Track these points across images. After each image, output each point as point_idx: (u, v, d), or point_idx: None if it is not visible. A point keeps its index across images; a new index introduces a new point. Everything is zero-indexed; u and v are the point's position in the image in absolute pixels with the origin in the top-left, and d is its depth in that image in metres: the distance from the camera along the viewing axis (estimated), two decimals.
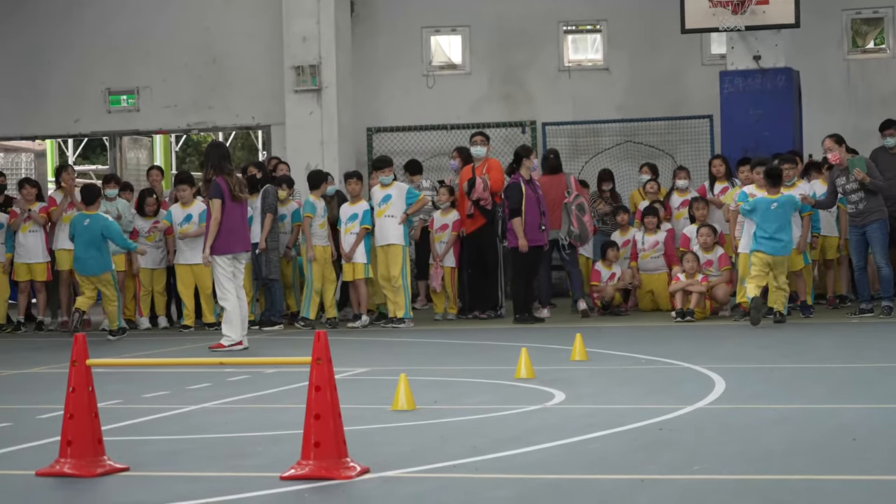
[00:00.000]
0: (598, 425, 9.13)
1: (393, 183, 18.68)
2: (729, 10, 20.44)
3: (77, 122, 25.55)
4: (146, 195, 19.90)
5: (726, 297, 18.45)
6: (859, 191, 17.15)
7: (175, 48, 24.99)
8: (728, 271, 18.40)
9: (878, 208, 17.25)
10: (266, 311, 18.85)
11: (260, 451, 8.59)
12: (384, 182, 18.60)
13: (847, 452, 7.96)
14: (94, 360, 7.93)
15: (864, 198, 17.16)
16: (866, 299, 17.43)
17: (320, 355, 7.43)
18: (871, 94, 23.64)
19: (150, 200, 19.76)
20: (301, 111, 23.16)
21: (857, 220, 17.30)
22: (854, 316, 17.34)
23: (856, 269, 17.59)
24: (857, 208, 17.23)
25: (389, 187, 18.57)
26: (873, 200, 17.20)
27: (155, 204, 19.74)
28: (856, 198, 17.21)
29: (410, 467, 7.84)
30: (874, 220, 17.18)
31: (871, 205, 17.18)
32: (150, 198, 19.81)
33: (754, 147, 20.24)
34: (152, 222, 19.61)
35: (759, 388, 11.11)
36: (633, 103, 24.34)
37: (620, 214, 20.04)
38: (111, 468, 7.91)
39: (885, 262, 17.27)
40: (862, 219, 17.22)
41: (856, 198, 17.21)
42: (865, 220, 17.20)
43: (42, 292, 19.87)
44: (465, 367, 13.48)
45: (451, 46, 25.47)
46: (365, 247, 18.55)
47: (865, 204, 17.17)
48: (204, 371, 13.19)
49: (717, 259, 18.51)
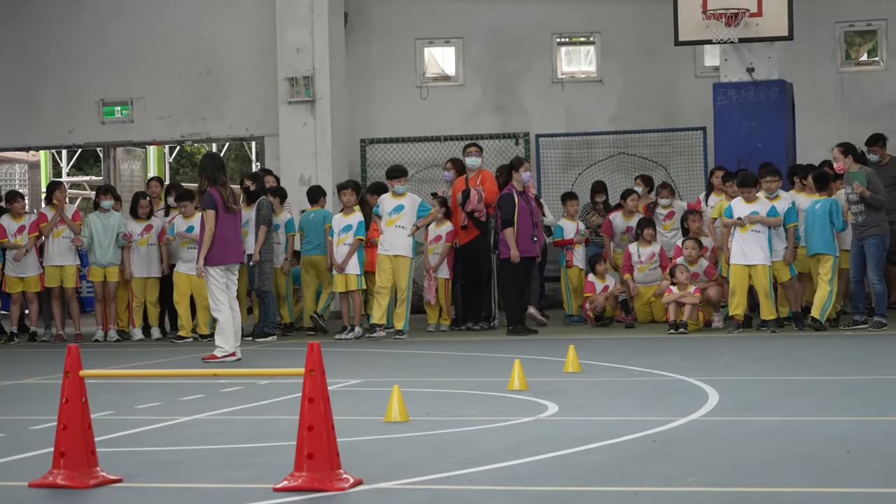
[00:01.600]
0: (591, 437, 9.13)
1: (406, 193, 18.63)
2: (722, 22, 20.47)
3: (71, 133, 25.55)
4: (139, 198, 19.94)
5: (719, 296, 18.42)
6: (860, 203, 17.14)
7: (169, 59, 25.00)
8: (716, 280, 18.46)
9: (876, 223, 17.20)
10: (259, 322, 18.84)
11: (253, 463, 8.58)
12: (398, 191, 18.55)
13: (840, 464, 7.97)
14: (87, 371, 7.92)
15: (864, 211, 17.12)
16: (861, 311, 17.42)
17: (314, 367, 7.43)
18: (865, 106, 23.68)
19: (142, 203, 19.77)
20: (295, 122, 23.17)
21: (856, 233, 17.30)
22: (848, 328, 17.34)
23: (852, 280, 17.58)
24: (857, 220, 17.22)
25: (402, 197, 18.51)
26: (873, 215, 17.14)
27: (148, 206, 19.76)
28: (856, 209, 17.19)
29: (404, 479, 7.84)
30: (871, 235, 17.16)
31: (869, 219, 17.14)
32: (143, 200, 19.83)
33: (747, 159, 20.27)
34: (144, 226, 19.61)
35: (752, 399, 11.11)
36: (627, 115, 24.37)
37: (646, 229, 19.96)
38: (104, 479, 7.90)
39: (878, 278, 17.26)
40: (860, 232, 17.20)
41: (856, 209, 17.19)
42: (863, 233, 17.18)
43: (34, 303, 19.87)
44: (459, 378, 13.47)
45: (444, 58, 25.50)
46: (358, 258, 18.56)
47: (864, 217, 17.13)
48: (197, 382, 13.17)
49: (702, 271, 18.58)
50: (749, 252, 17.33)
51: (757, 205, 17.39)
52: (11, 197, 20.12)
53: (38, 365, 16.41)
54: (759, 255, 17.32)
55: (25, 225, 19.59)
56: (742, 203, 17.48)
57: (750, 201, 17.37)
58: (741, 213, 17.41)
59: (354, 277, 18.53)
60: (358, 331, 18.51)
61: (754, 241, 17.31)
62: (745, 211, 17.41)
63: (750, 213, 17.36)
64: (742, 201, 17.50)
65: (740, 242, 17.34)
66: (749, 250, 17.34)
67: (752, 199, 17.37)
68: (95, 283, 19.54)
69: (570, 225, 20.28)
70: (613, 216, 20.32)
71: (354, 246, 18.45)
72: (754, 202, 17.38)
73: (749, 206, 17.40)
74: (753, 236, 17.33)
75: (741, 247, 17.35)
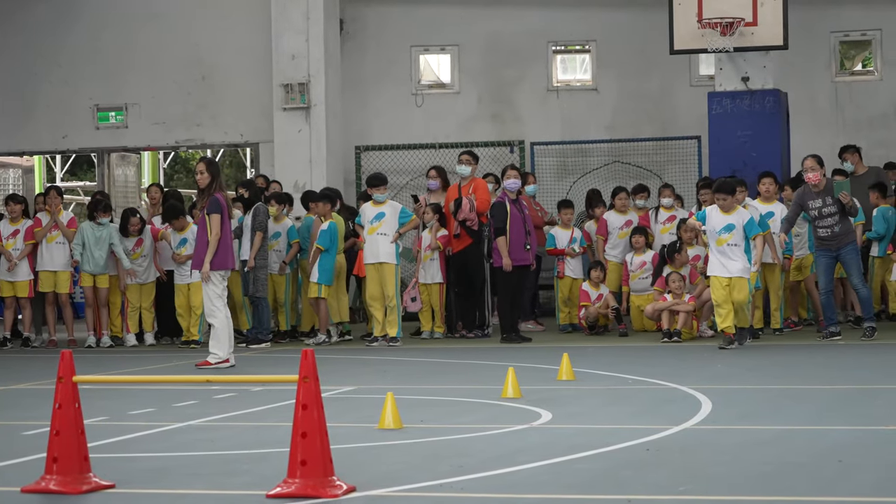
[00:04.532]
0: (584, 445, 9.12)
1: (386, 201, 18.69)
2: (718, 31, 20.50)
3: (65, 139, 25.56)
4: (129, 215, 19.85)
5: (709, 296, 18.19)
6: (836, 214, 17.04)
7: (164, 65, 25.01)
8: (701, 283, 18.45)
9: (850, 230, 17.24)
10: (253, 328, 18.84)
11: (246, 469, 8.57)
12: (378, 199, 18.61)
13: (834, 474, 7.97)
14: (80, 377, 7.91)
15: (839, 221, 17.08)
16: (833, 322, 17.37)
17: (307, 373, 7.43)
18: (859, 116, 23.73)
19: (133, 221, 19.70)
20: (290, 129, 23.18)
21: (830, 244, 17.08)
22: (825, 339, 17.25)
23: (822, 292, 17.42)
24: (832, 231, 17.06)
25: (383, 205, 18.58)
26: (846, 223, 17.15)
27: (139, 224, 19.70)
28: (831, 221, 17.05)
29: (396, 486, 7.83)
30: (848, 243, 17.14)
31: (845, 227, 17.14)
32: (133, 217, 19.76)
33: (742, 168, 20.29)
34: (136, 241, 19.58)
35: (745, 408, 11.11)
36: (622, 123, 24.40)
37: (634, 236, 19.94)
38: (97, 485, 7.89)
39: (861, 283, 17.28)
40: (836, 242, 17.07)
41: (831, 221, 17.05)
42: (840, 242, 17.07)
43: (27, 308, 19.84)
44: (452, 386, 13.47)
45: (440, 65, 25.52)
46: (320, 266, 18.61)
47: (840, 227, 17.08)
48: (190, 388, 13.16)
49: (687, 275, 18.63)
50: (728, 264, 16.81)
51: (733, 216, 16.73)
52: (9, 200, 20.09)
53: (31, 370, 16.39)
54: (737, 266, 16.82)
55: (20, 230, 19.57)
56: (719, 213, 16.98)
57: (727, 211, 16.70)
58: (716, 224, 16.87)
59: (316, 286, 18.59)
60: (320, 337, 18.71)
61: (731, 253, 16.79)
62: (721, 222, 16.90)
63: (724, 227, 16.82)
64: (719, 210, 16.96)
65: (718, 255, 16.68)
66: (727, 262, 16.82)
67: (729, 210, 16.71)
68: (86, 289, 19.53)
69: (564, 234, 20.26)
70: (607, 214, 20.32)
71: (315, 255, 18.54)
72: (732, 212, 16.79)
73: (725, 217, 16.79)
74: (730, 249, 16.81)
75: (719, 259, 16.90)
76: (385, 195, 18.74)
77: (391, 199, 19.18)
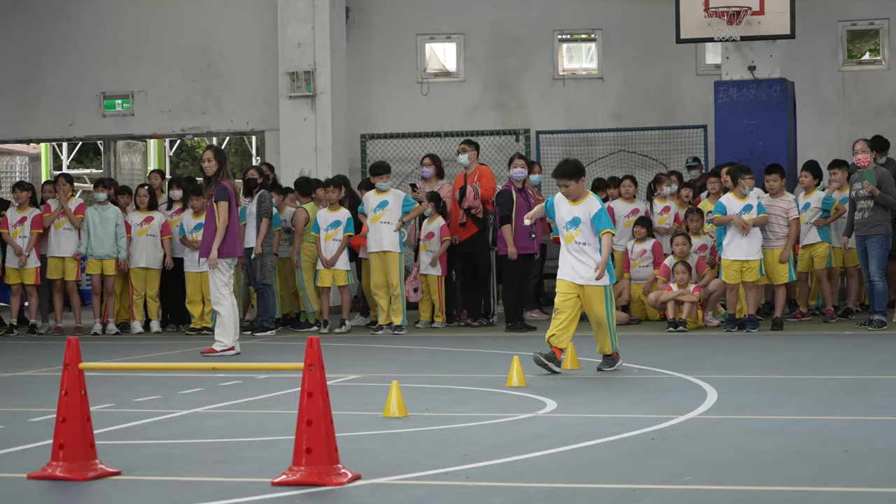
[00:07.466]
0: (589, 434, 9.13)
1: (389, 189, 18.68)
2: (724, 20, 20.47)
3: (71, 126, 25.56)
4: (138, 188, 19.96)
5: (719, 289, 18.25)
6: (869, 199, 17.15)
7: (170, 53, 25.01)
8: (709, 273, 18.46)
9: (881, 222, 17.20)
10: (259, 316, 18.84)
11: (251, 457, 8.58)
12: (381, 188, 18.59)
13: (839, 463, 7.97)
14: (86, 364, 7.92)
15: (871, 208, 17.14)
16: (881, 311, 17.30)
17: (312, 361, 7.43)
18: (866, 105, 23.70)
19: (140, 192, 19.75)
20: (295, 117, 23.17)
21: (859, 230, 17.28)
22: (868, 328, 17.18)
23: (865, 279, 17.56)
24: (863, 217, 17.22)
25: (386, 193, 18.57)
26: (879, 213, 17.14)
27: (146, 195, 19.71)
28: (864, 205, 17.21)
29: (401, 474, 7.84)
30: (876, 234, 17.15)
31: (875, 217, 17.13)
32: (141, 189, 19.82)
33: (748, 157, 20.26)
34: (144, 217, 19.60)
35: (750, 398, 11.11)
36: (627, 112, 24.38)
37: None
38: (103, 472, 7.90)
39: (879, 276, 17.24)
40: (864, 230, 17.18)
41: (864, 205, 17.21)
42: (867, 231, 17.15)
43: (34, 296, 19.87)
44: (457, 374, 13.47)
45: (445, 54, 25.50)
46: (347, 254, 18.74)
47: (870, 215, 17.13)
48: (196, 376, 13.17)
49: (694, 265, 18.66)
50: (746, 247, 17.10)
51: (580, 206, 16.22)
52: (16, 188, 20.10)
53: (37, 357, 16.41)
54: (753, 249, 17.12)
55: (28, 217, 19.58)
56: (733, 199, 17.25)
57: (574, 200, 15.99)
58: (734, 210, 17.13)
59: (343, 273, 18.62)
60: (348, 325, 18.75)
61: (748, 238, 17.11)
62: (738, 207, 17.17)
63: (743, 208, 17.13)
64: (733, 197, 17.26)
65: (567, 255, 14.18)
66: (745, 245, 17.10)
67: (577, 199, 15.83)
68: (93, 276, 19.53)
69: None
70: (614, 202, 20.28)
71: (344, 242, 18.54)
72: (580, 202, 15.98)
73: (741, 202, 17.21)
74: (578, 248, 16.36)
75: (737, 242, 17.13)
76: (388, 184, 18.72)
77: (395, 188, 19.17)
